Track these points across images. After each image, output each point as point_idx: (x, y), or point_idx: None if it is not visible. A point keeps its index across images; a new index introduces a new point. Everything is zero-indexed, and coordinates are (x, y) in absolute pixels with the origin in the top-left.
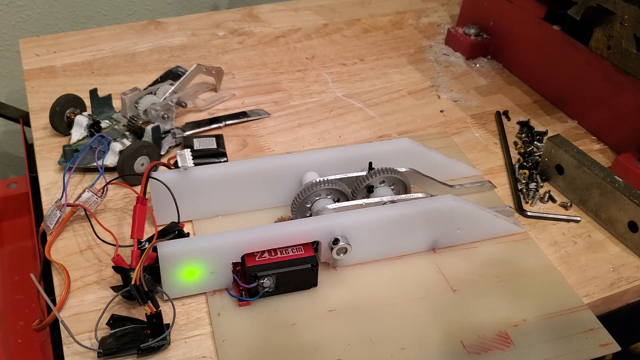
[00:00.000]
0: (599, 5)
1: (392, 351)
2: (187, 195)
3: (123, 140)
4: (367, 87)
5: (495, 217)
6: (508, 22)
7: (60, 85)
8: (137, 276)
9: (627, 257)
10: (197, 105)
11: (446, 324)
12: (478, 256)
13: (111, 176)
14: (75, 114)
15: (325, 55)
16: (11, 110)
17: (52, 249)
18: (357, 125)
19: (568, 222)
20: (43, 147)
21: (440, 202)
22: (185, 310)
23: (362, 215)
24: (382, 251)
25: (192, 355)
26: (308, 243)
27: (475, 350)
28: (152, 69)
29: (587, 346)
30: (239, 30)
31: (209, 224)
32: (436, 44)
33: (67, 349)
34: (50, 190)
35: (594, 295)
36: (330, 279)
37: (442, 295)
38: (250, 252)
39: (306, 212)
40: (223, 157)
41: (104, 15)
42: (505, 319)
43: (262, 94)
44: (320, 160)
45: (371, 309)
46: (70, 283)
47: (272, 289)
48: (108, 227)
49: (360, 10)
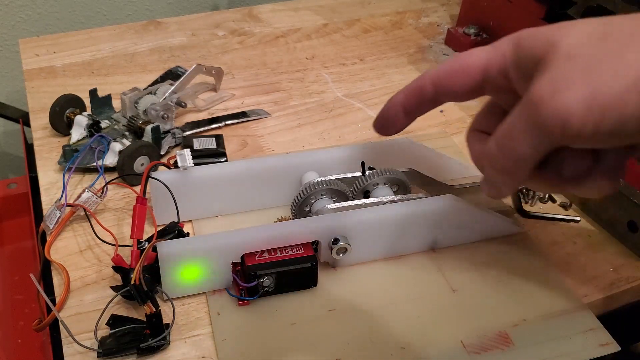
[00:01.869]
0: (599, 5)
1: (392, 351)
2: (187, 195)
3: (123, 140)
4: (367, 87)
5: (495, 217)
6: (508, 22)
7: (60, 85)
8: (136, 276)
9: (627, 257)
10: (197, 105)
11: (446, 324)
12: (478, 256)
13: (111, 176)
14: (75, 114)
15: (325, 55)
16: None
17: (52, 249)
18: (357, 125)
19: (568, 222)
20: (43, 147)
21: (440, 202)
22: (185, 310)
23: (362, 215)
24: (382, 251)
25: (192, 355)
26: (308, 243)
27: (475, 350)
28: (152, 69)
29: (587, 346)
30: (239, 30)
31: (209, 224)
32: (436, 44)
33: (67, 349)
34: (50, 190)
35: (594, 295)
36: (330, 278)
37: (442, 295)
38: (250, 252)
39: (306, 212)
40: (223, 157)
41: (104, 15)
42: (505, 319)
43: (262, 94)
44: (320, 160)
45: (371, 309)
46: (70, 283)
47: (271, 288)
48: (108, 227)
49: (360, 10)
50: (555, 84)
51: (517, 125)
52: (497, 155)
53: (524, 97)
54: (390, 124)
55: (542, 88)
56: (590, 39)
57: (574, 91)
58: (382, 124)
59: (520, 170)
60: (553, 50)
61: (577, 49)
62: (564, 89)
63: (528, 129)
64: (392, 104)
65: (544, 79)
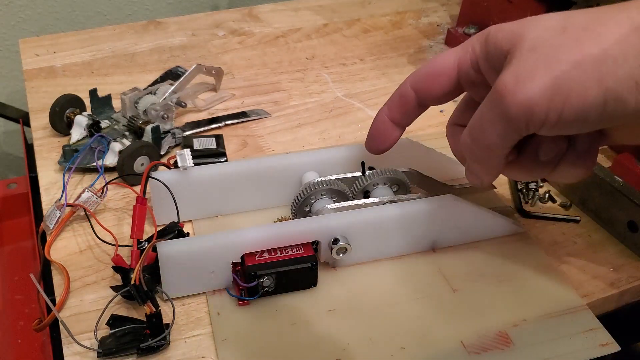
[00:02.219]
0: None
1: (392, 351)
2: (186, 195)
3: (123, 140)
4: (367, 87)
5: (495, 217)
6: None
7: (60, 85)
8: (136, 276)
9: (627, 257)
10: (197, 105)
11: (446, 324)
12: (478, 256)
13: (111, 176)
14: (75, 114)
15: (325, 55)
16: (11, 110)
17: (51, 249)
18: (357, 125)
19: (568, 222)
20: (43, 147)
21: (440, 202)
22: (185, 310)
23: (362, 215)
24: (382, 251)
25: (192, 355)
26: (308, 243)
27: (475, 350)
28: (152, 69)
29: (587, 346)
30: (239, 30)
31: (209, 224)
32: (436, 44)
33: (67, 349)
34: (50, 190)
35: (594, 295)
36: (330, 278)
37: (442, 295)
38: (250, 252)
39: (306, 212)
40: (223, 157)
41: (104, 15)
42: (505, 319)
43: (262, 94)
44: (320, 160)
45: (371, 309)
46: (70, 283)
47: (271, 288)
48: (108, 227)
49: (360, 10)
50: (518, 74)
51: (485, 116)
52: (470, 145)
53: (491, 89)
54: (381, 140)
55: (506, 79)
56: (551, 31)
57: (537, 81)
58: (373, 142)
59: (492, 158)
60: (518, 43)
61: (539, 41)
62: (527, 79)
63: (495, 119)
64: (379, 120)
65: (508, 70)
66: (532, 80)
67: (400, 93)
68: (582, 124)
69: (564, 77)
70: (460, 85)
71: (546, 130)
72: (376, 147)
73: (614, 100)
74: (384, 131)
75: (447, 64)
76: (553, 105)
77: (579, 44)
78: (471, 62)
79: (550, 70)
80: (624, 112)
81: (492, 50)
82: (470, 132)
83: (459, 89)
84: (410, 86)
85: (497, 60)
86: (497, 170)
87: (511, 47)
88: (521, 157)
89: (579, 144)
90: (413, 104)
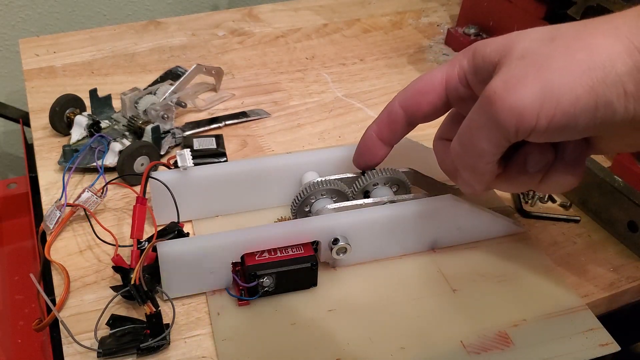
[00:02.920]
0: (599, 5)
1: (392, 351)
2: (186, 195)
3: (123, 140)
4: (367, 87)
5: (495, 217)
6: (508, 22)
7: (60, 85)
8: (136, 276)
9: (627, 257)
10: (197, 105)
11: (446, 324)
12: (478, 256)
13: (111, 176)
14: (75, 114)
15: (325, 55)
16: (11, 110)
17: (51, 249)
18: (357, 125)
19: (568, 222)
20: (43, 147)
21: (440, 202)
22: (185, 310)
23: (362, 215)
24: (382, 251)
25: (192, 355)
26: (308, 243)
27: (475, 350)
28: (152, 69)
29: (587, 346)
30: (239, 30)
31: (209, 224)
32: (436, 44)
33: (67, 349)
34: (50, 190)
35: (594, 295)
36: (330, 278)
37: (442, 295)
38: (250, 252)
39: (306, 212)
40: (223, 157)
41: (104, 15)
42: (505, 319)
43: (262, 93)
44: (320, 160)
45: (371, 309)
46: (70, 283)
47: (271, 288)
48: (108, 227)
49: (360, 10)
50: (508, 81)
51: (474, 122)
52: (460, 152)
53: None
54: (369, 156)
55: (496, 85)
56: (540, 41)
57: (527, 87)
58: (361, 158)
59: (482, 165)
60: (508, 54)
61: (529, 50)
62: (517, 85)
63: (485, 125)
64: (368, 137)
65: (497, 77)
66: (523, 86)
67: (388, 112)
68: (571, 130)
69: (555, 82)
70: (448, 102)
71: (535, 136)
72: (364, 163)
73: (604, 106)
74: (372, 148)
75: (434, 82)
76: (544, 110)
77: (569, 52)
78: (459, 77)
79: (540, 76)
80: (612, 119)
81: (480, 64)
82: (460, 139)
83: (447, 105)
84: (398, 105)
85: (486, 72)
86: (488, 177)
87: (500, 58)
88: (508, 169)
89: (567, 155)
90: (402, 123)
